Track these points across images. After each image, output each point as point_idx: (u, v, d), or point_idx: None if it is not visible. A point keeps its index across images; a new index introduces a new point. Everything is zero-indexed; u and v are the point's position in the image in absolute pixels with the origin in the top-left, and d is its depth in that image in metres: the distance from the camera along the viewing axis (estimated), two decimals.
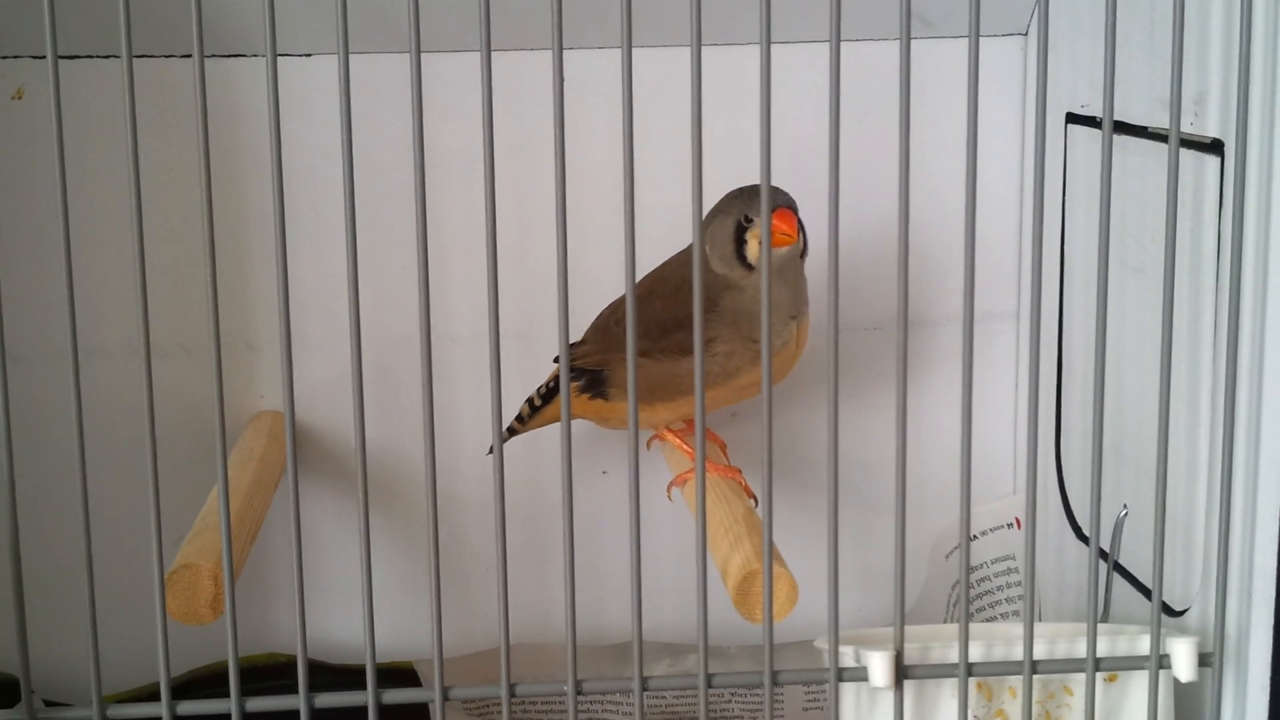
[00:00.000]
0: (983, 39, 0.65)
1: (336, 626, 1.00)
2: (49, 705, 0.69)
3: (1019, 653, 0.71)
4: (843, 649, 0.71)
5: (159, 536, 0.66)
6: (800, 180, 0.82)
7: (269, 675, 0.96)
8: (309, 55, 0.95)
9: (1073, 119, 0.92)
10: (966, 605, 0.70)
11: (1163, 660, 0.71)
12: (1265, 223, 0.69)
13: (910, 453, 0.68)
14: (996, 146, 1.00)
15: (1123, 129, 0.82)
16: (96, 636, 0.67)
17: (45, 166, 0.65)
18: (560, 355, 0.67)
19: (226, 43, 0.93)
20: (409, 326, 0.97)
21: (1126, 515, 0.85)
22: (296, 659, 0.67)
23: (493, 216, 0.64)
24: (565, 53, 0.63)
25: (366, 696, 0.68)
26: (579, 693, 0.69)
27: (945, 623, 1.02)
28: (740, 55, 0.89)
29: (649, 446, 0.95)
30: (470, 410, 0.99)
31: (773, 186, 0.80)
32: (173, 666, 0.67)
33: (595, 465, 1.02)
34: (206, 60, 0.62)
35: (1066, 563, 0.96)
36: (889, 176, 0.66)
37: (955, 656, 0.70)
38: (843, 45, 0.63)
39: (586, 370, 0.89)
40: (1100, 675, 0.73)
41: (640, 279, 0.87)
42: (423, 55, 0.62)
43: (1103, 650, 0.72)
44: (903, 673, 0.70)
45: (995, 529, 1.04)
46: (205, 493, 0.83)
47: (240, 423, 0.97)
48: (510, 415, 0.92)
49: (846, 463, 0.82)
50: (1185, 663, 0.71)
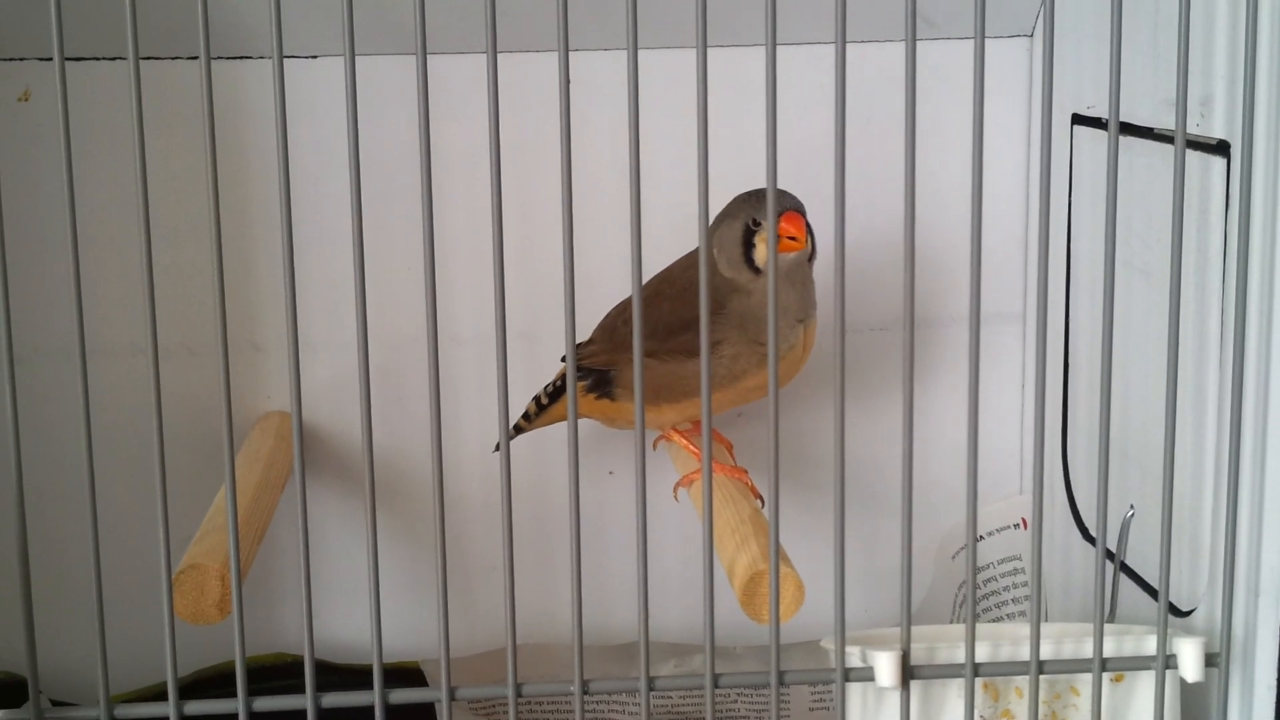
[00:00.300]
0: (988, 40, 0.65)
1: (342, 627, 1.00)
2: (56, 705, 0.70)
3: (1025, 653, 0.71)
4: (849, 649, 0.71)
5: (166, 537, 0.66)
6: (805, 182, 0.82)
7: (275, 675, 0.96)
8: (315, 57, 0.95)
9: (1078, 120, 0.92)
10: (973, 605, 0.70)
11: (1169, 660, 0.71)
12: (1271, 224, 0.69)
13: (916, 453, 0.68)
14: (1002, 147, 1.00)
15: (1128, 130, 0.82)
16: (104, 636, 0.67)
17: (51, 168, 0.65)
18: (567, 357, 0.67)
19: (232, 45, 0.93)
20: (413, 327, 0.97)
21: (1133, 516, 0.85)
22: (303, 659, 0.67)
23: (499, 218, 0.64)
24: (570, 54, 0.63)
25: (373, 696, 0.68)
26: (585, 693, 0.69)
27: (951, 623, 1.02)
28: (745, 56, 0.88)
29: (655, 447, 0.95)
30: (475, 411, 0.99)
31: (780, 190, 0.80)
32: (180, 666, 0.67)
33: (601, 466, 1.02)
34: (213, 62, 0.62)
35: (1073, 563, 0.96)
36: (894, 177, 0.66)
37: (962, 657, 0.70)
38: (848, 46, 0.63)
39: (593, 370, 0.89)
40: (1107, 675, 0.73)
41: (647, 280, 0.88)
42: (428, 57, 0.63)
43: (1109, 650, 0.72)
44: (909, 673, 0.70)
45: (1002, 529, 1.04)
46: (211, 493, 0.83)
47: (246, 423, 0.97)
48: (515, 415, 0.92)
49: (853, 463, 0.83)
50: (1192, 663, 0.71)
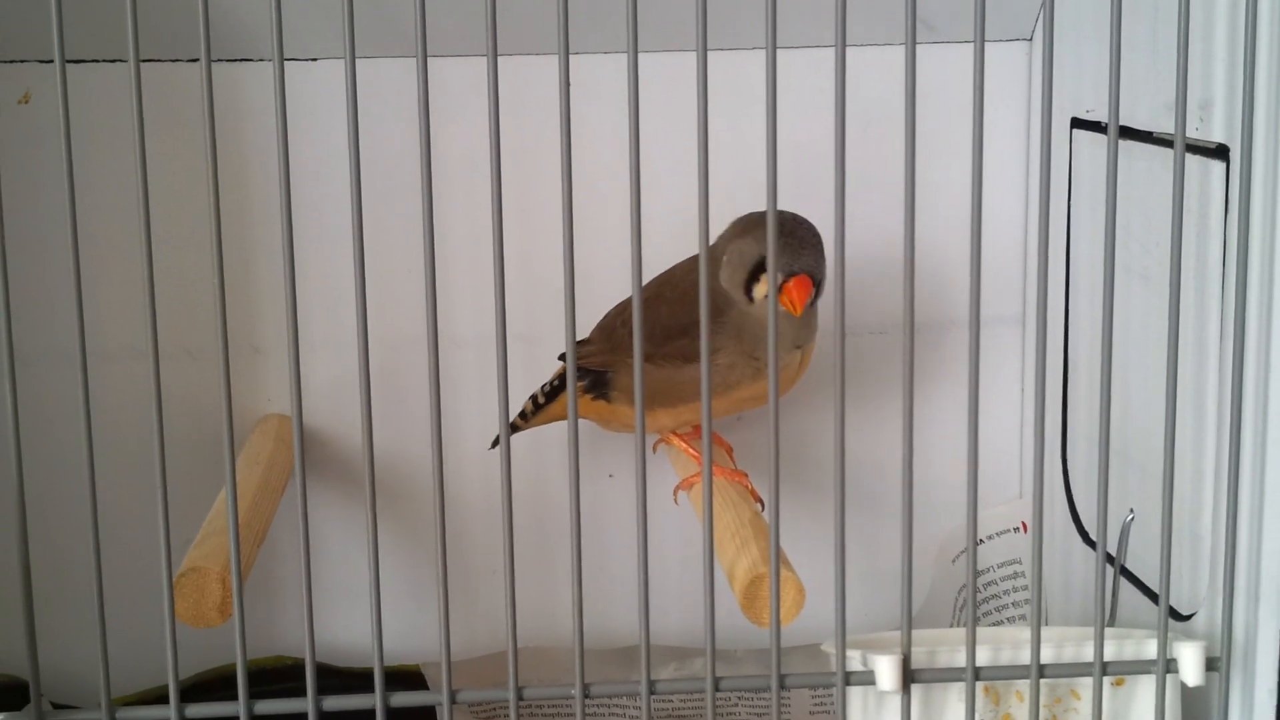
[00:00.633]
0: (987, 44, 0.65)
1: (343, 629, 1.00)
2: (57, 708, 0.69)
3: (1026, 657, 0.71)
4: (850, 653, 0.71)
5: (167, 540, 0.66)
6: (805, 185, 0.82)
7: (276, 678, 0.96)
8: (315, 60, 0.95)
9: (1077, 124, 0.92)
10: (974, 609, 0.70)
11: (1170, 664, 0.71)
12: (1271, 228, 0.69)
13: (916, 457, 0.68)
14: (1001, 151, 1.00)
15: (1128, 134, 0.82)
16: (105, 639, 0.67)
17: (51, 170, 0.65)
18: (568, 365, 0.67)
19: (233, 47, 0.93)
20: (413, 330, 0.97)
21: (1133, 520, 0.85)
22: (304, 662, 0.67)
23: (499, 220, 0.64)
24: (570, 57, 0.63)
25: (374, 699, 0.68)
26: (586, 696, 0.69)
27: (952, 627, 1.02)
28: (744, 60, 0.89)
29: (654, 450, 0.95)
30: (474, 413, 0.99)
31: (806, 236, 0.80)
32: (181, 669, 0.67)
33: (601, 469, 1.02)
34: (213, 65, 0.62)
35: (1073, 567, 0.96)
36: (894, 181, 0.66)
37: (962, 660, 0.70)
38: (848, 50, 0.63)
39: (591, 370, 0.88)
40: (1107, 679, 0.73)
41: (648, 281, 0.87)
42: (429, 60, 0.63)
43: (1110, 654, 0.72)
44: (910, 677, 0.70)
45: (1002, 533, 1.04)
46: (211, 496, 0.83)
47: (246, 426, 0.97)
48: (513, 417, 0.92)
49: (853, 467, 0.82)
50: (1192, 667, 0.71)
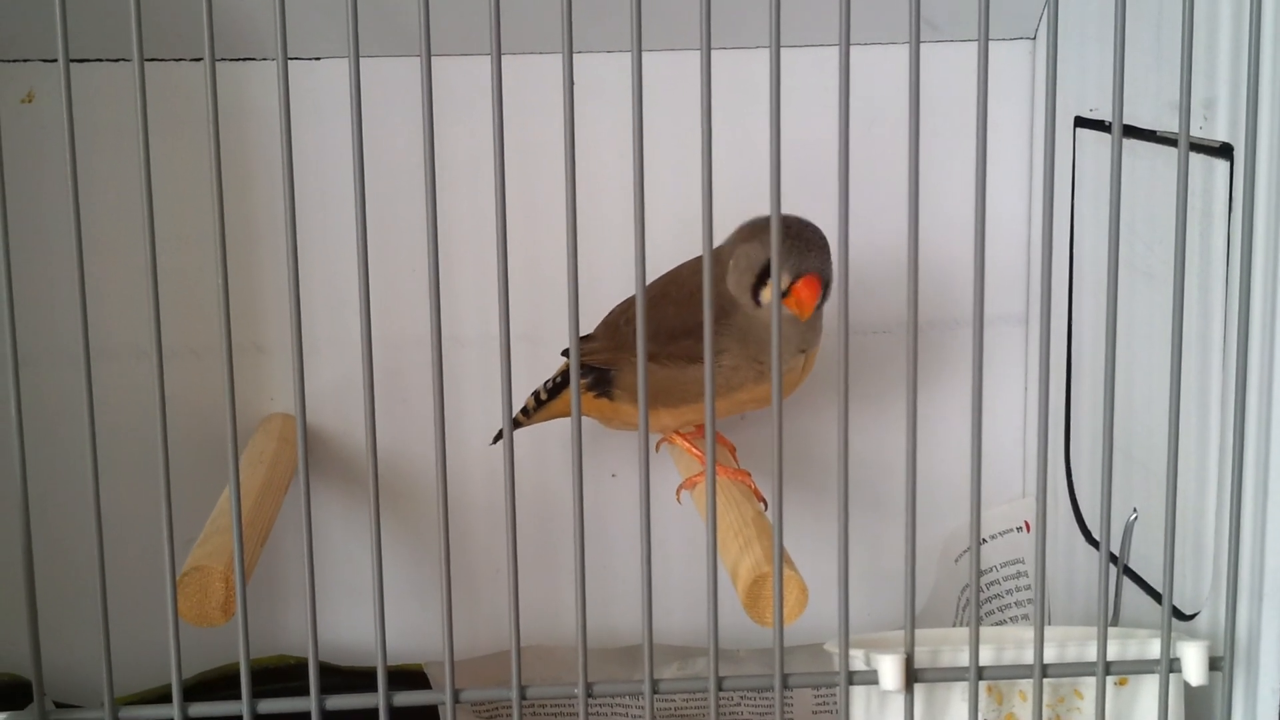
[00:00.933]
0: (991, 43, 0.65)
1: (346, 629, 1.00)
2: (60, 707, 0.69)
3: (1029, 656, 0.71)
4: (853, 652, 0.71)
5: (171, 539, 0.66)
6: (808, 184, 0.82)
7: (279, 677, 0.97)
8: (319, 59, 0.95)
9: (1081, 123, 0.92)
10: (977, 608, 0.70)
11: (1173, 664, 0.71)
12: (1275, 226, 0.69)
13: (920, 456, 0.68)
14: (1005, 150, 1.00)
15: (1131, 133, 0.82)
16: (108, 638, 0.67)
17: (55, 170, 0.65)
18: (571, 364, 0.67)
19: (237, 46, 0.93)
20: (417, 329, 0.97)
21: (1136, 519, 0.85)
22: (307, 661, 0.67)
23: (502, 220, 0.64)
24: (574, 56, 0.63)
25: (377, 699, 0.68)
26: (589, 695, 0.69)
27: (955, 626, 1.02)
28: (749, 59, 0.88)
29: (657, 449, 0.95)
30: (478, 413, 0.99)
31: (812, 239, 0.80)
32: (184, 669, 0.67)
33: (604, 468, 1.02)
34: (217, 64, 0.62)
35: (1076, 566, 0.96)
36: (897, 179, 0.66)
37: (965, 660, 0.70)
38: (851, 49, 0.63)
39: (594, 368, 0.88)
40: (1110, 679, 0.73)
41: (654, 280, 0.87)
42: (433, 59, 0.63)
43: (1113, 654, 0.72)
44: (913, 676, 0.70)
45: (1005, 532, 1.04)
46: (214, 495, 0.83)
47: (250, 425, 0.97)
48: (516, 411, 0.92)
49: (856, 466, 0.82)
50: (1196, 666, 0.71)
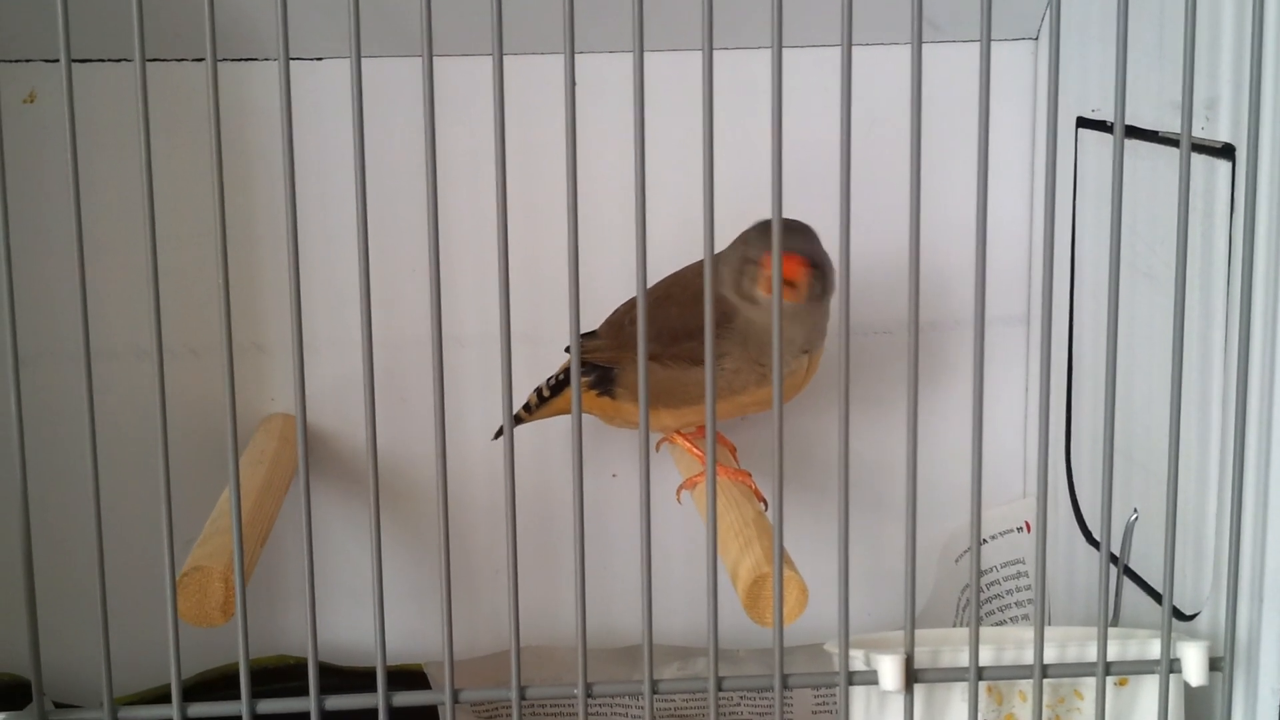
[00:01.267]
0: (993, 43, 0.65)
1: (345, 629, 1.00)
2: (60, 707, 0.69)
3: (1029, 656, 0.71)
4: (853, 652, 0.71)
5: (171, 539, 0.66)
6: (810, 184, 0.82)
7: (278, 678, 0.97)
8: (320, 59, 0.95)
9: (1083, 123, 0.92)
10: (977, 609, 0.70)
11: (1173, 664, 0.71)
12: (1277, 227, 0.69)
13: (920, 457, 0.68)
14: (1006, 150, 1.00)
15: (1133, 133, 0.82)
16: (107, 638, 0.67)
17: (56, 170, 0.65)
18: (573, 363, 0.67)
19: (238, 47, 0.93)
20: (417, 329, 0.97)
21: (1137, 519, 0.85)
22: (306, 661, 0.67)
23: (503, 220, 0.64)
24: (576, 56, 0.63)
25: (377, 699, 0.68)
26: (589, 695, 0.69)
27: (955, 626, 1.02)
28: (750, 59, 0.89)
29: (658, 449, 0.95)
30: (478, 413, 0.99)
31: (799, 226, 0.80)
32: (183, 669, 0.67)
33: (605, 468, 1.02)
34: (218, 64, 0.62)
35: (1076, 566, 0.96)
36: (899, 180, 0.66)
37: (965, 660, 0.70)
38: (853, 49, 0.63)
39: (597, 366, 0.88)
40: (1110, 679, 0.73)
41: (659, 281, 0.87)
42: (434, 59, 0.62)
43: (1113, 654, 0.72)
44: (913, 676, 0.70)
45: (1005, 533, 1.04)
46: (214, 495, 0.83)
47: (250, 425, 0.97)
48: (518, 408, 0.92)
49: (857, 466, 0.82)
50: (1196, 667, 0.71)
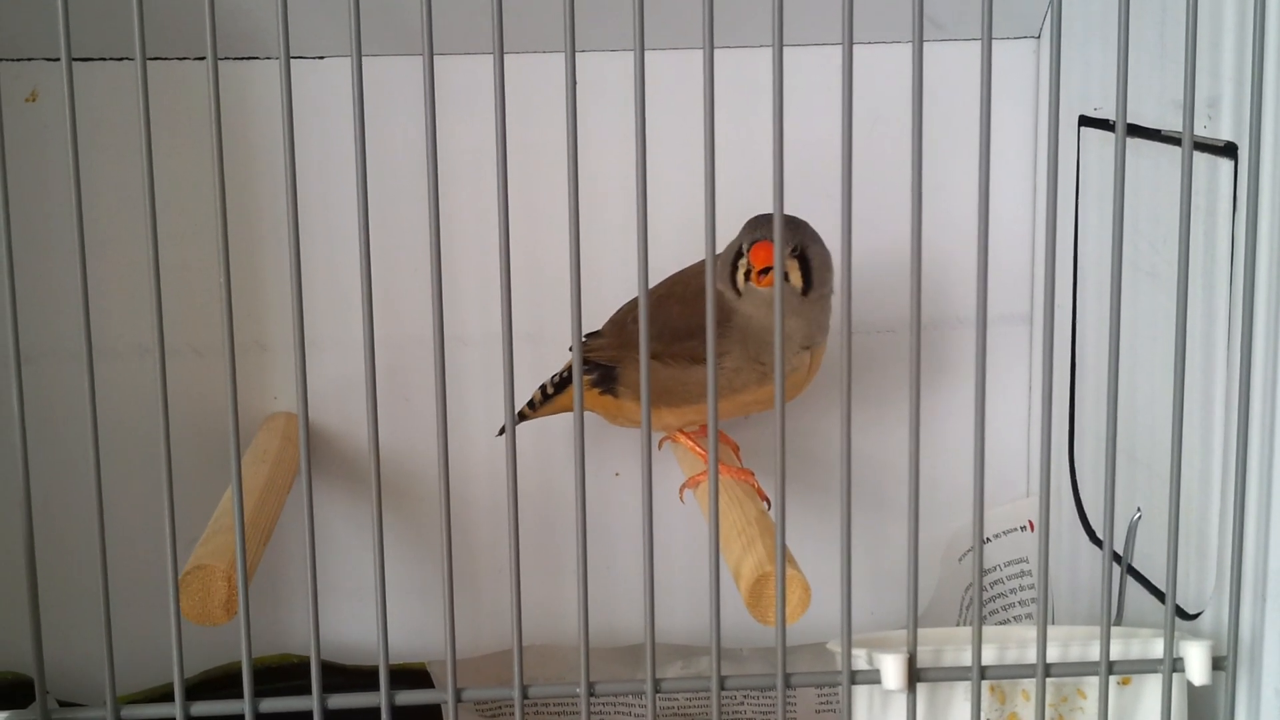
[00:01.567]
0: (995, 42, 0.65)
1: (348, 628, 1.00)
2: (63, 705, 0.70)
3: (1032, 655, 0.71)
4: (855, 651, 0.71)
5: (173, 537, 0.66)
6: (812, 183, 0.82)
7: (281, 676, 0.97)
8: (321, 58, 0.95)
9: (1085, 122, 0.92)
10: (980, 608, 0.70)
11: (1176, 664, 0.71)
12: (1279, 226, 0.69)
13: (923, 456, 0.67)
14: (1008, 149, 1.00)
15: (1136, 132, 0.82)
16: (110, 637, 0.67)
17: (58, 168, 0.65)
18: (574, 362, 0.67)
19: (239, 45, 0.93)
20: (419, 328, 0.97)
21: (1140, 518, 0.85)
22: (309, 660, 0.67)
23: (505, 219, 0.64)
24: (577, 55, 0.63)
25: (379, 697, 0.68)
26: (591, 694, 0.69)
27: (958, 625, 1.02)
28: (752, 57, 0.88)
29: (660, 447, 0.95)
30: (480, 411, 0.99)
31: (789, 217, 0.80)
32: (186, 667, 0.67)
33: (607, 467, 1.02)
34: (220, 63, 0.62)
35: (1079, 566, 0.96)
36: (901, 178, 0.66)
37: (968, 659, 0.70)
38: (855, 48, 0.63)
39: (599, 365, 0.89)
40: (1114, 678, 0.73)
41: (662, 280, 0.87)
42: (435, 58, 0.62)
43: (1116, 653, 0.72)
44: (915, 675, 0.70)
45: (1008, 532, 1.04)
46: (216, 494, 0.83)
47: (252, 424, 0.97)
48: (522, 405, 0.92)
49: (859, 465, 0.82)
50: (1199, 666, 0.71)
